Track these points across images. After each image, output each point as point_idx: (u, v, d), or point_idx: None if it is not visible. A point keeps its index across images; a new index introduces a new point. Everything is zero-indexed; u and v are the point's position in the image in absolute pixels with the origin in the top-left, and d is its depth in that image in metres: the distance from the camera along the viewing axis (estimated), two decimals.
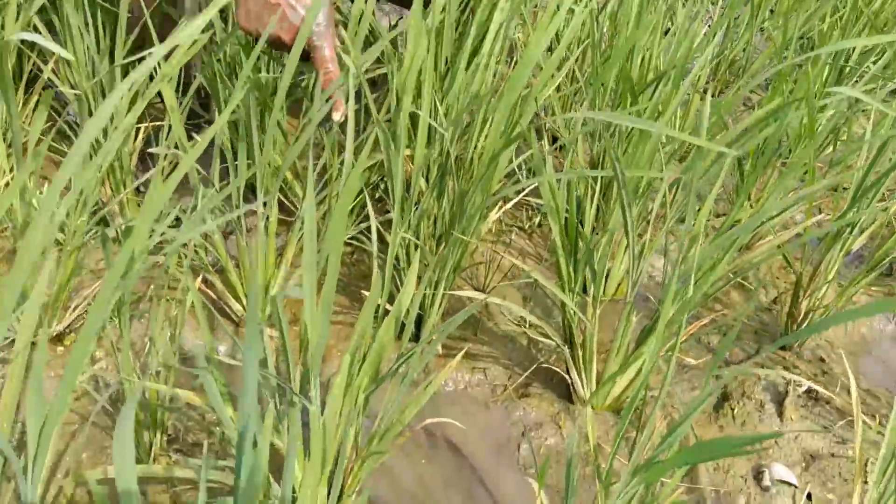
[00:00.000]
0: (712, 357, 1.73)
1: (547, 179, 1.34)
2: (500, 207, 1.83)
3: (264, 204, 1.54)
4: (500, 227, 2.19)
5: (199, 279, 1.65)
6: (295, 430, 0.78)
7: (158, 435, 1.34)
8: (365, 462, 1.27)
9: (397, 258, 1.68)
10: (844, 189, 2.24)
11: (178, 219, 1.75)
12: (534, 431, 1.59)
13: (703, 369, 1.78)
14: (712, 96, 2.59)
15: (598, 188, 1.79)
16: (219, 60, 1.57)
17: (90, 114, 1.60)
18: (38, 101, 1.85)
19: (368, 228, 1.86)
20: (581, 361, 1.60)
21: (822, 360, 1.81)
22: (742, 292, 2.07)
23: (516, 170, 2.25)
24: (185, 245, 1.54)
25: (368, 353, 1.21)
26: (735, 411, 1.64)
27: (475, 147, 1.64)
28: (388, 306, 1.50)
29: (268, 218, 1.59)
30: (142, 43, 1.59)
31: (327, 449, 1.14)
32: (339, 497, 1.32)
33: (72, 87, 1.65)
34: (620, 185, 1.25)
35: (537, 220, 2.23)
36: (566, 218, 1.50)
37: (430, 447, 1.54)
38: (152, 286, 1.66)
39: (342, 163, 1.59)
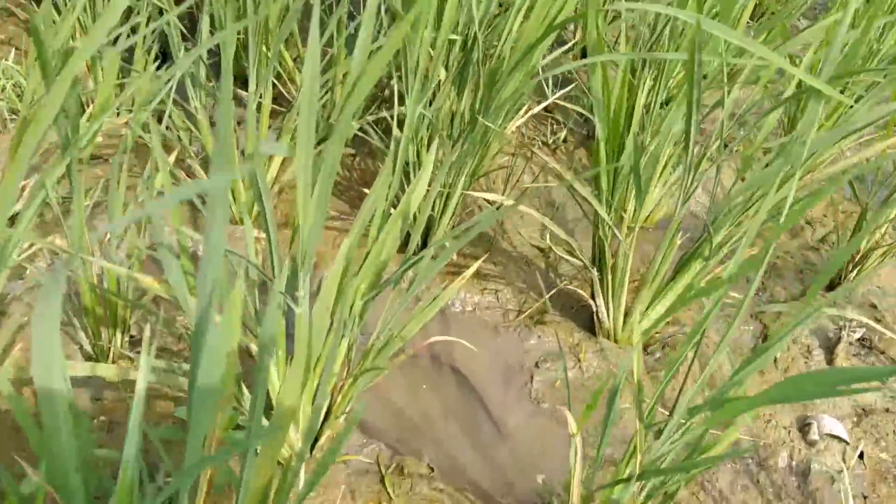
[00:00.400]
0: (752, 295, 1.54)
1: (600, 61, 1.11)
2: (528, 111, 1.60)
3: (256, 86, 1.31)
4: (520, 140, 1.96)
5: (174, 157, 1.43)
6: (271, 324, 0.59)
7: (119, 334, 1.15)
8: (357, 380, 1.09)
9: (407, 162, 1.46)
10: None
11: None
12: (550, 362, 1.40)
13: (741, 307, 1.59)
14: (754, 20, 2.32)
15: (641, 94, 1.56)
16: None
17: None
18: None
19: (374, 123, 1.63)
20: (609, 287, 1.41)
21: (874, 306, 1.61)
22: (786, 232, 1.86)
23: (543, 81, 2.01)
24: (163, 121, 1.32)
25: (370, 252, 1.01)
26: (778, 356, 1.45)
27: (508, 34, 1.40)
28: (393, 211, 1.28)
29: (261, 96, 1.36)
30: None
31: (312, 355, 0.94)
32: (326, 418, 1.14)
33: None
34: (690, 76, 1.02)
35: (562, 135, 2.00)
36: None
37: (433, 372, 1.36)
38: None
39: (349, 39, 1.36)
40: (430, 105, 1.38)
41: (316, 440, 1.13)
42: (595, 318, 1.45)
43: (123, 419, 1.11)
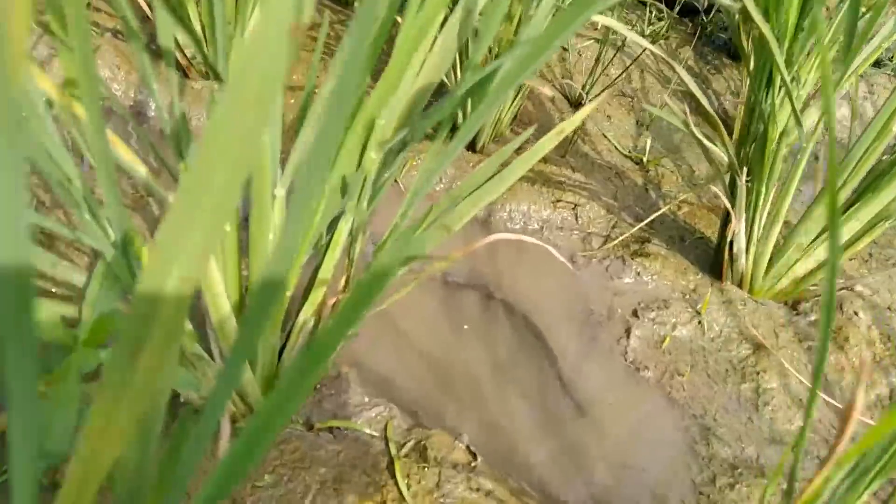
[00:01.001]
0: None
1: None
2: None
3: None
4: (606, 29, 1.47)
5: None
6: None
7: None
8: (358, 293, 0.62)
9: None
10: None
11: None
12: (655, 312, 0.93)
13: None
14: None
15: None
16: None
17: None
18: None
19: None
20: (757, 209, 0.93)
21: None
22: None
23: None
24: None
25: (399, 60, 0.53)
26: None
27: None
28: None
29: None
30: None
31: (288, 243, 0.48)
32: (282, 348, 0.68)
33: None
34: None
35: (663, 26, 1.50)
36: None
37: (479, 308, 0.89)
38: None
39: None
40: None
41: None
42: (725, 254, 0.97)
43: None
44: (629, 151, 1.22)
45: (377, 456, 0.68)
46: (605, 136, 1.24)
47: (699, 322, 0.94)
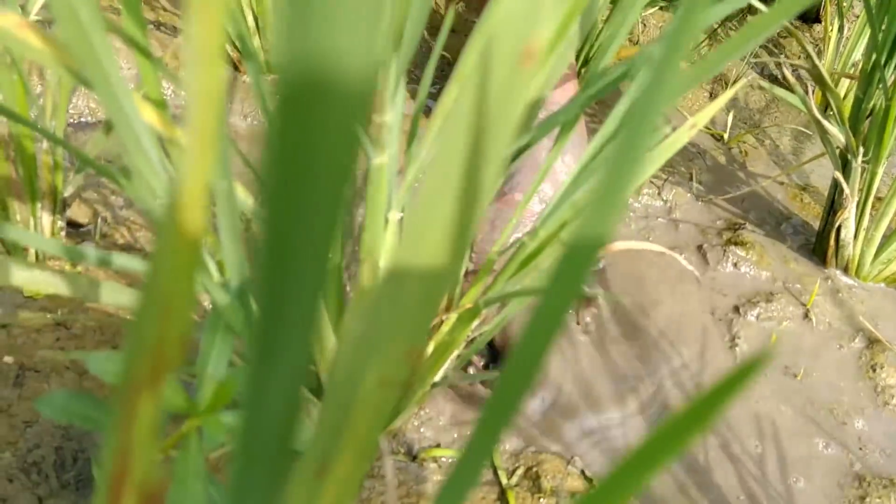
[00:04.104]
0: None
1: None
2: None
3: None
4: None
5: None
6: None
7: (46, 213, 0.65)
8: (477, 313, 0.56)
9: None
10: None
11: None
12: (760, 306, 0.86)
13: None
14: None
15: None
16: None
17: None
18: None
19: None
20: (866, 196, 0.85)
21: None
22: None
23: None
24: None
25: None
26: None
27: None
28: None
29: None
30: None
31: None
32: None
33: None
34: None
35: None
36: None
37: (580, 313, 0.83)
38: None
39: None
40: None
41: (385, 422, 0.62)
42: (831, 240, 0.90)
43: (40, 366, 0.61)
44: (707, 127, 1.14)
45: (487, 486, 0.63)
46: (680, 111, 1.16)
47: (808, 315, 0.87)
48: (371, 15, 0.11)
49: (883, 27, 0.75)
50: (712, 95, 1.23)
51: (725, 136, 1.12)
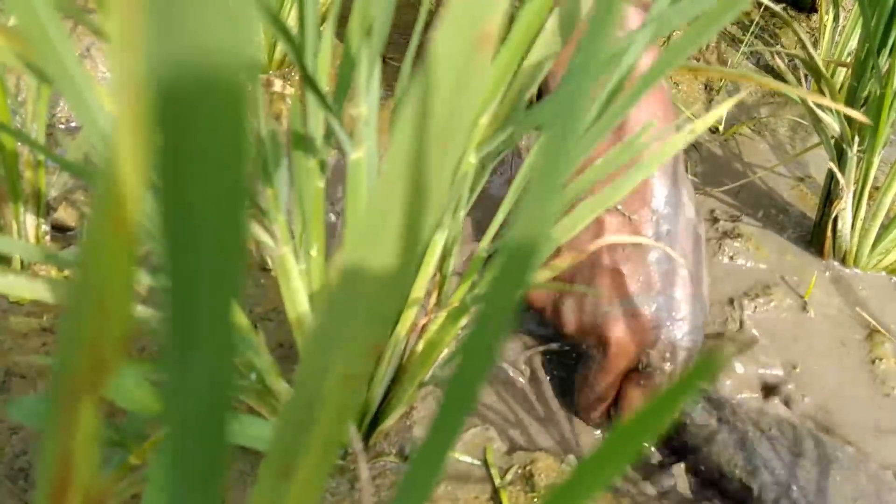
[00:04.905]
0: None
1: None
2: None
3: None
4: None
5: None
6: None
7: (30, 216, 0.64)
8: (462, 313, 0.56)
9: None
10: None
11: None
12: (759, 298, 0.85)
13: None
14: None
15: None
16: None
17: None
18: None
19: None
20: (862, 186, 0.83)
21: None
22: None
23: None
24: None
25: (508, 41, 0.46)
26: None
27: None
28: None
29: None
30: None
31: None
32: (392, 384, 0.61)
33: None
34: None
35: None
36: None
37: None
38: None
39: None
40: None
41: (373, 422, 0.61)
42: (828, 231, 0.89)
43: (24, 370, 0.61)
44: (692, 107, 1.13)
45: (479, 485, 0.62)
46: (676, 104, 1.15)
47: (804, 306, 0.86)
48: (241, 8, 0.10)
49: (875, 14, 0.74)
50: (707, 87, 1.22)
51: (721, 127, 1.11)
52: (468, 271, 0.58)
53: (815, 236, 0.92)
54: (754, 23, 1.31)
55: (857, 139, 0.79)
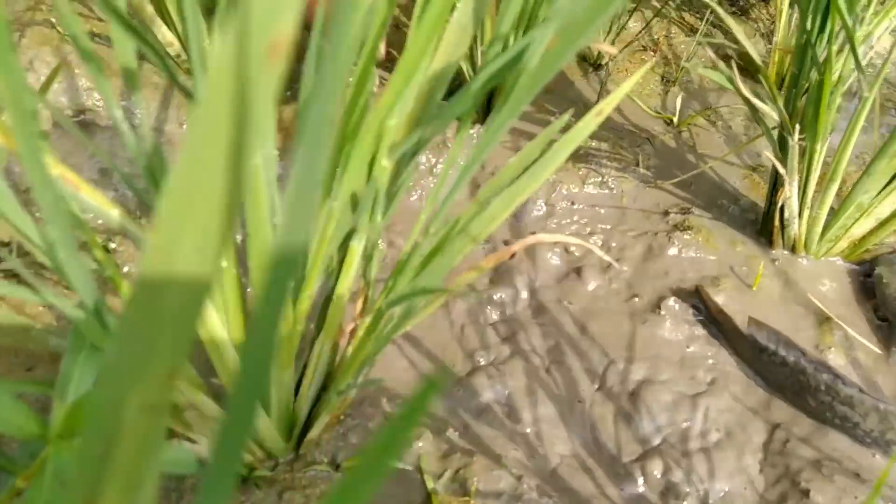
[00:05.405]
0: None
1: None
2: None
3: None
4: None
5: None
6: None
7: None
8: (383, 318, 0.55)
9: None
10: None
11: None
12: (709, 289, 0.85)
13: None
14: None
15: None
16: None
17: None
18: None
19: None
20: (807, 174, 0.83)
21: None
22: None
23: None
24: None
25: (414, 41, 0.45)
26: None
27: None
28: None
29: None
30: None
31: (286, 264, 0.41)
32: (322, 390, 0.60)
33: None
34: None
35: None
36: None
37: (507, 305, 0.81)
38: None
39: None
40: None
41: (305, 430, 0.61)
42: (775, 220, 0.88)
43: None
44: (658, 112, 1.12)
45: (412, 492, 0.61)
46: (630, 97, 1.14)
47: (753, 294, 0.85)
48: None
49: (811, 3, 0.73)
50: (664, 79, 1.21)
51: (675, 119, 1.11)
52: (392, 275, 0.57)
53: (764, 226, 0.92)
54: (708, 12, 1.30)
55: (798, 128, 0.78)
